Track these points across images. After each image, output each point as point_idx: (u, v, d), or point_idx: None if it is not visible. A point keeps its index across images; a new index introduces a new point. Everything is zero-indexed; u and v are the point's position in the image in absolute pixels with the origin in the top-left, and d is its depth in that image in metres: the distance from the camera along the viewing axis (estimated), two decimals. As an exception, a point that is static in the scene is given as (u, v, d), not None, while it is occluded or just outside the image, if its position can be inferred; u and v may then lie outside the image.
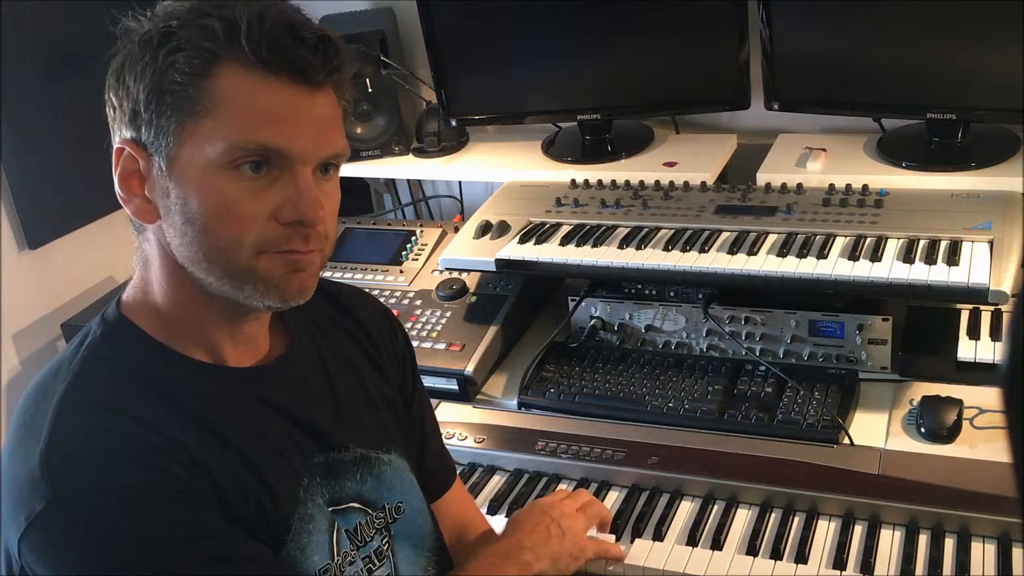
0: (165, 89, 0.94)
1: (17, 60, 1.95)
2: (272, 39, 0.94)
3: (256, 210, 0.96)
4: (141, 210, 1.00)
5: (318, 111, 0.98)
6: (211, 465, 0.98)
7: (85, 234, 2.15)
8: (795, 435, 1.52)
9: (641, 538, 1.43)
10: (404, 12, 2.23)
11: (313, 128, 0.98)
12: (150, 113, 0.95)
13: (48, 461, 0.93)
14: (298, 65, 0.95)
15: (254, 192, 0.96)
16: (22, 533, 0.93)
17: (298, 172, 0.97)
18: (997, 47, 1.65)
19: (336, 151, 1.01)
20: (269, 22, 0.94)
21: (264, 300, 1.00)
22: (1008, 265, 1.49)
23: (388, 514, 1.18)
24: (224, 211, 0.96)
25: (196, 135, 0.95)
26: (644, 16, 1.93)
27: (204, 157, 0.95)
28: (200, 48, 0.94)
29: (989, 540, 1.32)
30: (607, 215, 1.83)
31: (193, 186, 0.96)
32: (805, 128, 2.02)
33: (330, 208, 1.02)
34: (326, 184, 1.02)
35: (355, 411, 1.17)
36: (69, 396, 0.97)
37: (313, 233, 0.99)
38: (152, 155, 0.97)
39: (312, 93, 0.97)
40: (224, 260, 0.97)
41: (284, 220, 0.97)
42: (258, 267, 0.98)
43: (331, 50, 0.97)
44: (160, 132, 0.95)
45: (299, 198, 0.97)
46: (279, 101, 0.95)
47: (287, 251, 0.98)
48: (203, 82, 0.94)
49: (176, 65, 0.94)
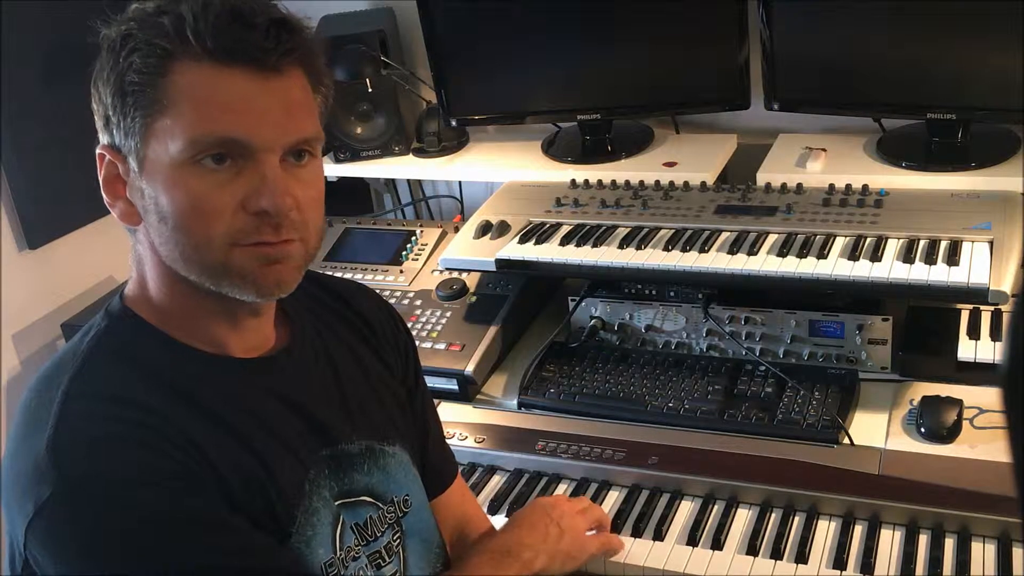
0: (127, 91, 0.95)
1: (17, 60, 1.95)
2: (218, 29, 0.93)
3: (223, 203, 0.96)
4: (125, 213, 1.01)
5: (278, 97, 0.96)
6: (217, 455, 0.99)
7: (85, 234, 2.15)
8: (795, 435, 1.52)
9: (641, 538, 1.43)
10: (404, 12, 2.23)
11: (273, 114, 0.96)
12: (118, 116, 0.97)
13: (54, 449, 0.93)
14: (249, 52, 0.94)
15: (220, 185, 0.95)
16: (29, 521, 0.93)
17: (262, 161, 0.96)
18: (997, 47, 1.65)
19: (304, 136, 0.99)
20: (213, 12, 0.94)
21: (243, 294, 1.00)
22: (1008, 265, 1.49)
23: (398, 507, 1.18)
24: (192, 207, 0.95)
25: (160, 133, 0.95)
26: (644, 16, 1.93)
27: (168, 155, 0.95)
28: (154, 47, 0.94)
29: (989, 540, 1.32)
30: (607, 215, 1.83)
31: (161, 185, 0.96)
32: (805, 128, 2.02)
33: (308, 195, 1.01)
34: (300, 171, 1.00)
35: (360, 403, 1.17)
36: (74, 386, 0.98)
37: (285, 222, 0.97)
38: (126, 157, 0.98)
39: (269, 78, 0.96)
40: (199, 256, 0.97)
41: (251, 210, 0.96)
42: (232, 261, 0.97)
43: (286, 33, 0.96)
44: (128, 134, 0.96)
45: (264, 187, 0.96)
46: (234, 91, 0.94)
47: (259, 243, 0.97)
48: (160, 80, 0.94)
49: (134, 66, 0.94)
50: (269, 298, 1.03)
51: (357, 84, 2.12)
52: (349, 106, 2.14)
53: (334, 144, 2.18)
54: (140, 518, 0.93)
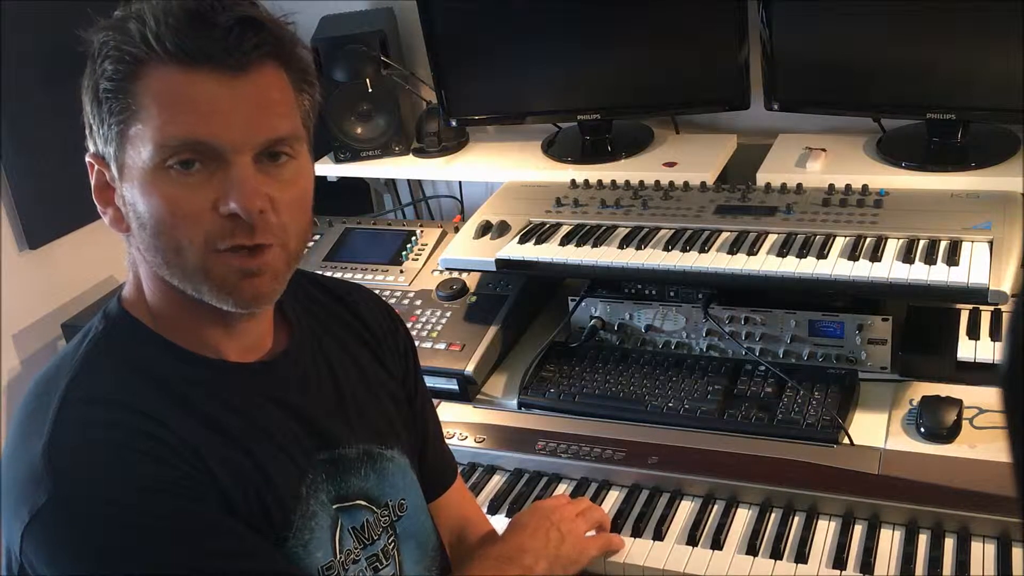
0: (102, 98, 0.95)
1: (17, 60, 1.95)
2: (179, 31, 0.92)
3: (196, 206, 0.95)
4: (115, 220, 1.02)
5: (246, 96, 0.95)
6: (214, 460, 0.98)
7: (85, 234, 2.15)
8: (795, 435, 1.52)
9: (641, 538, 1.43)
10: (404, 12, 2.23)
11: (241, 114, 0.94)
12: (97, 123, 0.97)
13: (51, 454, 0.93)
14: (211, 52, 0.93)
15: (192, 189, 0.94)
16: (25, 526, 0.93)
17: (233, 162, 0.95)
18: (997, 47, 1.65)
19: (276, 135, 0.97)
20: (172, 15, 0.93)
21: (222, 304, 0.99)
22: (1008, 265, 1.49)
23: (392, 512, 1.18)
24: (166, 212, 0.95)
25: (134, 139, 0.95)
26: (644, 16, 1.93)
27: (142, 160, 0.95)
28: (123, 53, 0.94)
29: (989, 540, 1.32)
30: (607, 215, 1.83)
31: (138, 191, 0.96)
32: (805, 128, 2.02)
33: (289, 196, 0.99)
34: (278, 171, 0.98)
35: (358, 406, 1.17)
36: (72, 391, 0.98)
37: (259, 224, 0.96)
38: (109, 164, 0.98)
39: (235, 78, 0.94)
40: (179, 261, 0.97)
41: (222, 212, 0.95)
42: (210, 268, 0.97)
43: (251, 31, 0.94)
44: (107, 141, 0.97)
45: (233, 189, 0.94)
46: (199, 93, 0.93)
47: (235, 248, 0.96)
48: (130, 86, 0.94)
49: (106, 74, 0.94)
50: (248, 309, 1.01)
51: (357, 84, 2.12)
52: (349, 106, 2.14)
53: (334, 144, 2.18)
54: (136, 524, 0.93)
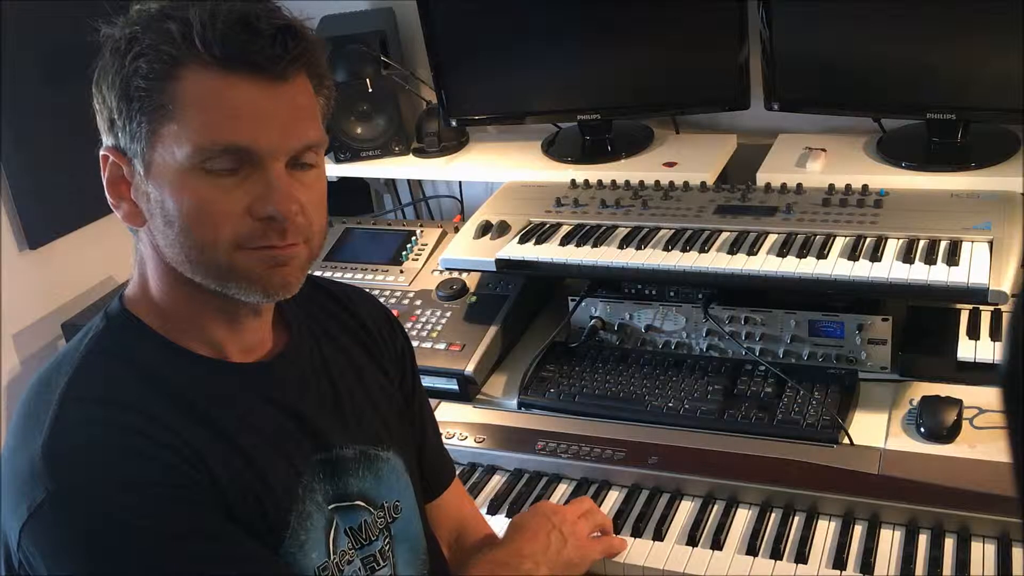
0: (132, 95, 0.95)
1: (17, 60, 1.96)
2: (226, 36, 0.93)
3: (229, 208, 0.96)
4: (129, 214, 1.02)
5: (284, 103, 0.97)
6: (211, 460, 0.99)
7: (85, 234, 2.15)
8: (795, 435, 1.52)
9: (641, 538, 1.43)
10: (404, 12, 2.23)
11: (279, 121, 0.97)
12: (123, 120, 0.97)
13: (50, 452, 0.94)
14: (256, 59, 0.94)
15: (227, 190, 0.96)
16: (23, 523, 0.93)
17: (268, 167, 0.97)
18: (997, 47, 1.65)
19: (308, 141, 1.00)
20: (221, 19, 0.94)
21: (248, 295, 1.01)
22: (1008, 265, 1.49)
23: (387, 513, 1.18)
24: (198, 211, 0.96)
25: (166, 139, 0.95)
26: (644, 16, 1.93)
27: (175, 160, 0.95)
28: (160, 52, 0.94)
29: (989, 540, 1.32)
30: (607, 215, 1.83)
31: (168, 189, 0.97)
32: (805, 128, 2.02)
33: (312, 199, 1.02)
34: (305, 175, 1.01)
35: (355, 408, 1.17)
36: (72, 389, 0.98)
37: (290, 227, 0.98)
38: (131, 160, 0.98)
39: (275, 86, 0.96)
40: (204, 259, 0.98)
41: (257, 216, 0.97)
42: (237, 264, 0.98)
43: (292, 40, 0.96)
44: (134, 137, 0.97)
45: (270, 193, 0.97)
46: (240, 98, 0.95)
47: (265, 247, 0.98)
48: (166, 86, 0.94)
49: (140, 71, 0.94)
50: (275, 298, 1.04)
51: (357, 84, 2.12)
52: (349, 106, 2.14)
53: (334, 144, 2.18)
54: (134, 523, 0.93)
